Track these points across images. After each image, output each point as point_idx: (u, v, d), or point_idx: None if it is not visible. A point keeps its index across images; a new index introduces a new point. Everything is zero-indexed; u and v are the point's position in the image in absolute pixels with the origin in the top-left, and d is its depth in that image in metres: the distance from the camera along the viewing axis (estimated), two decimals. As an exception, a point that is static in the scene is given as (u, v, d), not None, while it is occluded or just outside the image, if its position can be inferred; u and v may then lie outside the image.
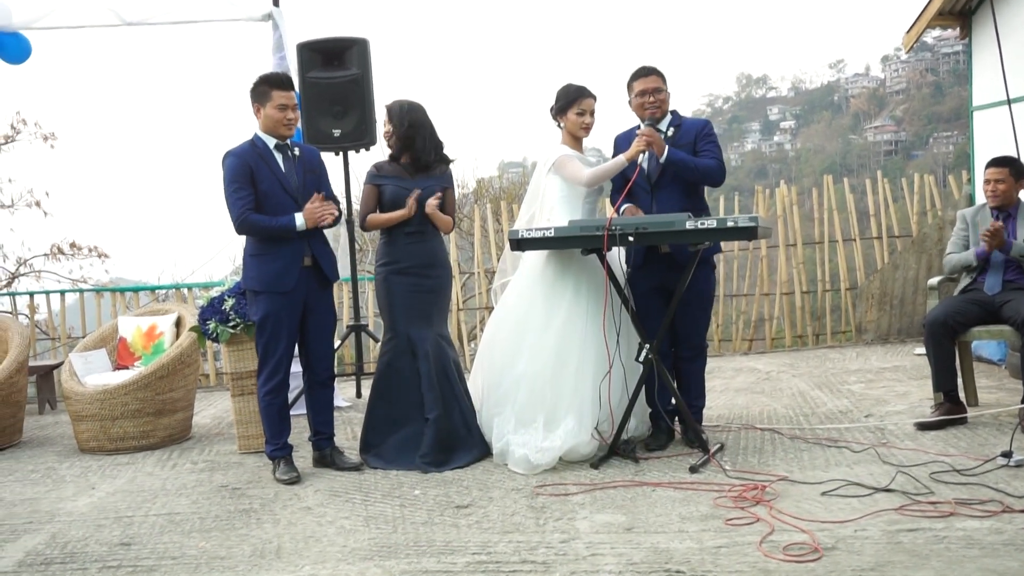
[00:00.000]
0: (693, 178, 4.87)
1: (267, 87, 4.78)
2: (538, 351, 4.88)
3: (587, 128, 5.03)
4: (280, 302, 4.79)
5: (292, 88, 4.87)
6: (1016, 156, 5.35)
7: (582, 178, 4.94)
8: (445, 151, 5.21)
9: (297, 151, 4.88)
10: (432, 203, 5.00)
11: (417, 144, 5.07)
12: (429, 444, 4.89)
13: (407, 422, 5.04)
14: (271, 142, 4.80)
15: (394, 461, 4.95)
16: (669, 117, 4.99)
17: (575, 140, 5.06)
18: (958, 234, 5.55)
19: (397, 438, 5.03)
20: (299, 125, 5.73)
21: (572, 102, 5.00)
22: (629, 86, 5.00)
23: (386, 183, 5.07)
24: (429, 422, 4.94)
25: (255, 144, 4.81)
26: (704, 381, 5.17)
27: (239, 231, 4.78)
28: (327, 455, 5.04)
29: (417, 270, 5.07)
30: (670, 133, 4.93)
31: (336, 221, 4.90)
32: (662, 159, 4.82)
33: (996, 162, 5.41)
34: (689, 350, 5.04)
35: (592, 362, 4.83)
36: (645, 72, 4.94)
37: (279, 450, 4.92)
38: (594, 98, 5.03)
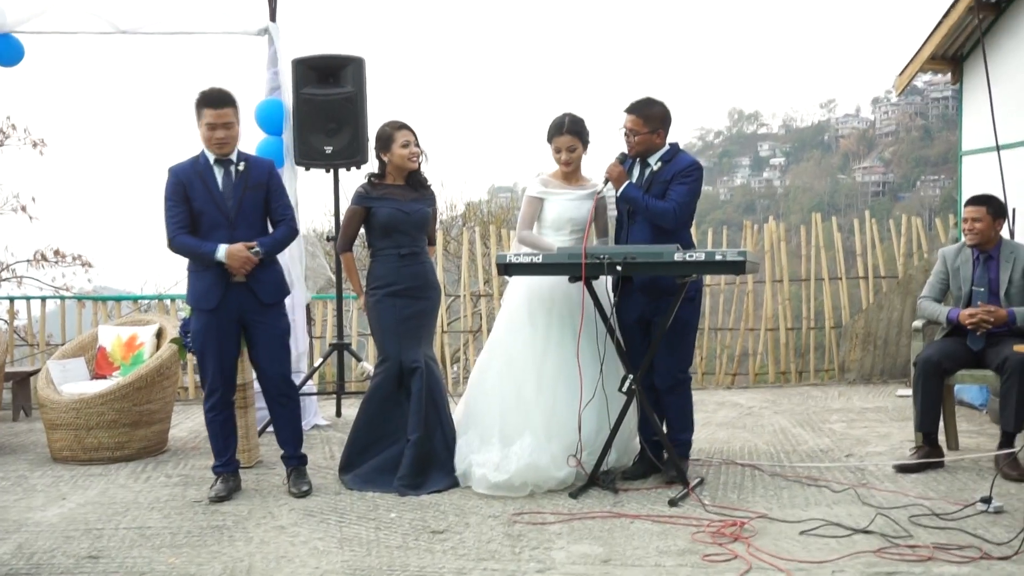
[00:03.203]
0: (646, 217, 4.83)
1: (200, 104, 4.67)
2: (502, 373, 4.92)
3: (566, 163, 4.99)
4: (207, 319, 4.74)
5: (229, 105, 4.67)
6: (996, 196, 5.35)
7: (519, 230, 5.09)
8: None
9: (242, 166, 4.74)
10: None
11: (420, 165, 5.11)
12: (407, 466, 4.84)
13: (390, 444, 4.99)
14: (211, 157, 4.72)
15: (372, 482, 4.89)
16: (664, 150, 4.90)
17: (562, 173, 5.06)
18: (936, 275, 5.53)
19: (378, 460, 4.98)
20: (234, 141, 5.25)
21: (549, 140, 5.02)
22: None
23: (380, 205, 5.00)
24: (409, 443, 4.89)
25: (197, 160, 4.75)
26: (688, 414, 5.03)
27: (170, 249, 4.73)
28: (288, 475, 4.95)
29: (411, 292, 5.02)
30: (657, 167, 4.87)
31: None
32: (617, 194, 4.88)
33: (974, 200, 5.43)
34: (664, 380, 4.93)
35: (555, 385, 4.82)
36: (626, 110, 4.90)
37: (220, 467, 4.89)
38: (571, 134, 4.94)
